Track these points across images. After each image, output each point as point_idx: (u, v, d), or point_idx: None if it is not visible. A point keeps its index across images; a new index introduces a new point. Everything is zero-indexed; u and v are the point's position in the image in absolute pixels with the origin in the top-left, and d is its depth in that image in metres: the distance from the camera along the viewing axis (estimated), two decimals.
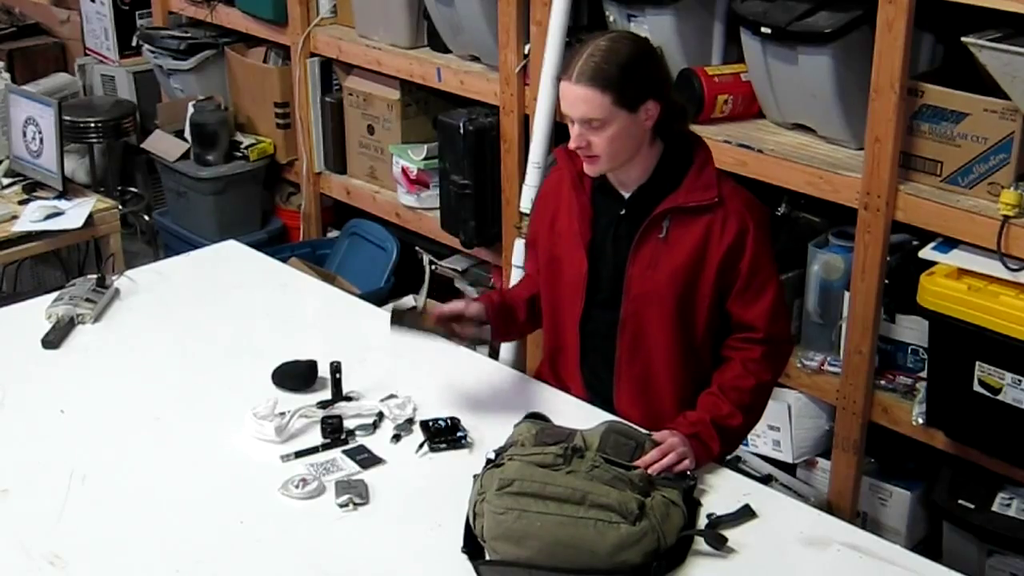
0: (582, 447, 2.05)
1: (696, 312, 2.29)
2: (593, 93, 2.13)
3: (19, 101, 4.11)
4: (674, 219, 2.26)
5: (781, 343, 2.35)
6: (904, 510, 3.13)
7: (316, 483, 2.16)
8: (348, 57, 4.18)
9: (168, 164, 4.58)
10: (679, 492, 2.05)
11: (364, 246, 4.35)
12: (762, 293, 2.28)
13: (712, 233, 2.24)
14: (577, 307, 2.36)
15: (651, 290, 2.28)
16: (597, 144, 2.19)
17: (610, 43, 2.17)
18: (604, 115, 2.15)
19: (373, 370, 2.55)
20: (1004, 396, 2.68)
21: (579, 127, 2.18)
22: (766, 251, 2.29)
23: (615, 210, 2.31)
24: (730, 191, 2.27)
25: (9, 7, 5.57)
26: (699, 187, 2.25)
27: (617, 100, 2.14)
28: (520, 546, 1.92)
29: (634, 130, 2.19)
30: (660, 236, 2.26)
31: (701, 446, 2.19)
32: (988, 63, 2.55)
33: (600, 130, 2.17)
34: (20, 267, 4.45)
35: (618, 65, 2.14)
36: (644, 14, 3.26)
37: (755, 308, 2.28)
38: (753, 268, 2.26)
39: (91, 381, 2.58)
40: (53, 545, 2.02)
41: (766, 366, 2.31)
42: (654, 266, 2.27)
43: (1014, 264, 2.63)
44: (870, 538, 2.11)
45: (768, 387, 2.37)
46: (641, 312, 2.30)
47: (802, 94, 3.02)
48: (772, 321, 2.29)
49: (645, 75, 2.19)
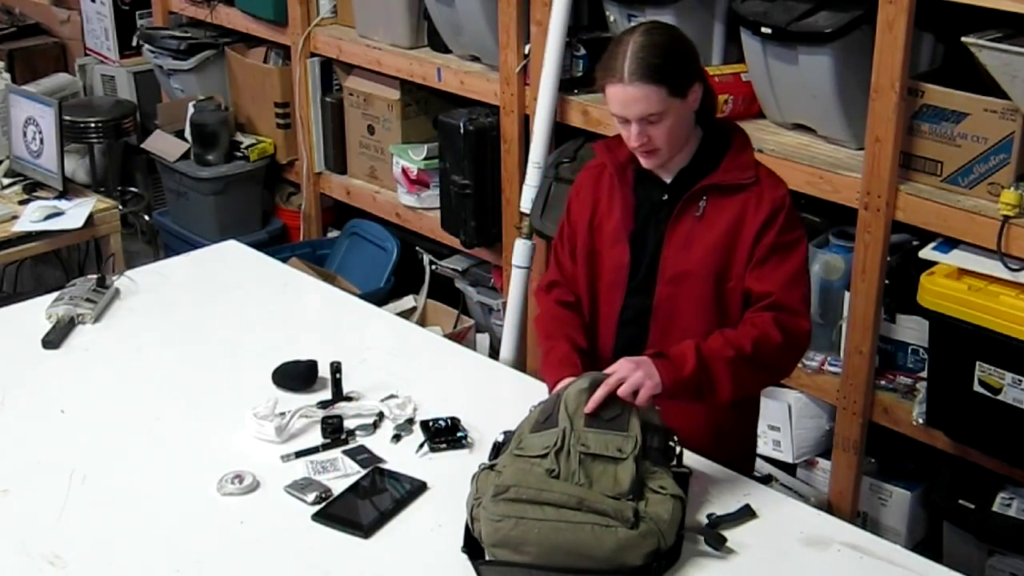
0: (568, 439, 1.99)
1: (729, 295, 2.24)
2: (649, 89, 2.13)
3: (19, 101, 4.11)
4: (711, 198, 2.23)
5: (795, 316, 2.20)
6: (904, 510, 3.13)
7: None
8: (348, 57, 4.18)
9: (168, 164, 4.58)
10: (670, 473, 2.01)
11: (364, 246, 4.35)
12: (780, 266, 2.20)
13: (747, 211, 2.21)
14: (617, 299, 2.32)
15: (686, 271, 2.24)
16: (657, 137, 2.18)
17: (646, 36, 2.16)
18: (662, 108, 2.14)
19: (373, 370, 2.56)
20: (1004, 396, 2.68)
21: (637, 125, 2.17)
22: (794, 234, 2.23)
23: (657, 196, 2.29)
24: (766, 173, 2.27)
25: (9, 7, 5.57)
26: (737, 167, 2.24)
27: (670, 90, 2.14)
28: (518, 552, 1.92)
29: (687, 116, 2.20)
30: (696, 215, 2.24)
31: (669, 366, 2.08)
32: (988, 63, 2.55)
33: (658, 123, 2.16)
34: (20, 267, 4.45)
35: (664, 56, 2.14)
36: (644, 14, 3.25)
37: (771, 278, 2.19)
38: (777, 244, 2.19)
39: (91, 381, 2.58)
40: (53, 545, 2.02)
41: (775, 328, 2.16)
42: (688, 246, 2.24)
43: (1014, 264, 2.63)
44: (870, 538, 2.11)
45: (775, 348, 2.16)
46: (675, 295, 2.26)
47: (802, 94, 3.02)
48: (786, 290, 2.19)
49: (688, 60, 2.20)
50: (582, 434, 2.00)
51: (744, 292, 2.23)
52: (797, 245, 2.23)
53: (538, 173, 3.50)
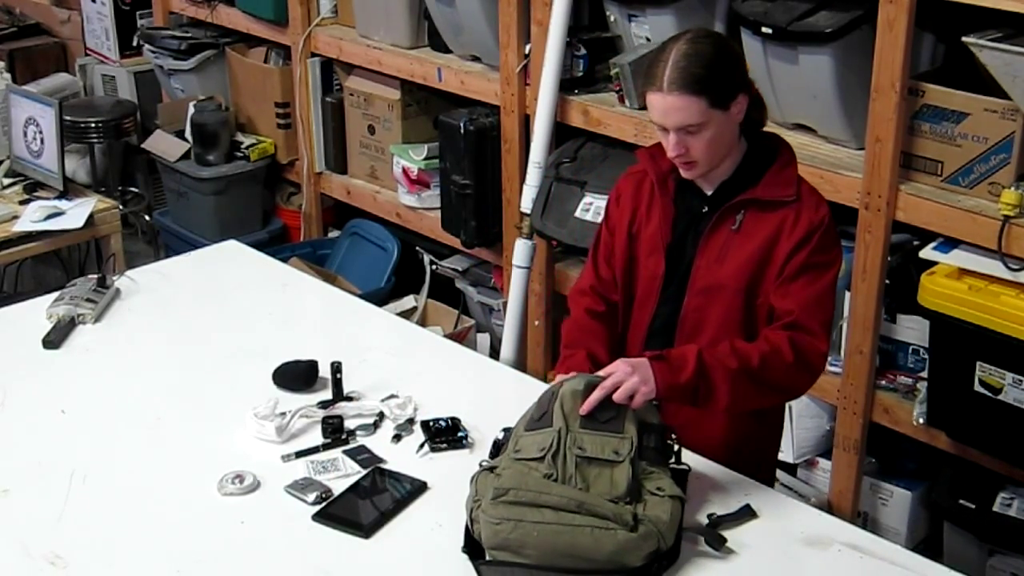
0: (564, 441, 1.98)
1: (758, 311, 2.21)
2: (688, 100, 2.08)
3: (20, 101, 4.11)
4: (749, 212, 2.20)
5: (813, 337, 2.15)
6: (905, 510, 3.13)
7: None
8: (349, 57, 4.18)
9: (169, 164, 4.58)
10: (667, 473, 2.01)
11: (365, 246, 4.35)
12: (806, 287, 2.16)
13: (784, 227, 2.18)
14: (649, 310, 2.30)
15: (716, 283, 2.21)
16: (696, 148, 2.13)
17: (690, 45, 2.11)
18: (702, 119, 2.10)
19: (373, 370, 2.55)
20: (1005, 396, 2.68)
21: (675, 135, 2.12)
22: (828, 256, 2.18)
23: (697, 208, 2.26)
24: (808, 190, 2.23)
25: (10, 7, 5.57)
26: (779, 183, 2.20)
27: (712, 102, 2.09)
28: (518, 555, 1.91)
29: (728, 128, 2.16)
30: (733, 228, 2.21)
31: (667, 369, 2.05)
32: (988, 63, 2.55)
33: (698, 134, 2.12)
34: (20, 267, 4.45)
35: (706, 66, 2.08)
36: (645, 14, 3.26)
37: (793, 297, 2.16)
38: (808, 264, 2.16)
39: (91, 381, 2.58)
40: (53, 545, 2.02)
41: (788, 346, 2.12)
42: (721, 259, 2.21)
43: (1015, 264, 2.63)
44: (871, 538, 2.11)
45: (785, 367, 2.12)
46: (703, 307, 2.23)
47: (803, 94, 3.02)
48: (807, 311, 2.14)
49: (732, 70, 2.14)
50: (578, 436, 1.99)
51: (768, 308, 2.21)
52: (828, 268, 2.19)
53: (538, 173, 3.50)
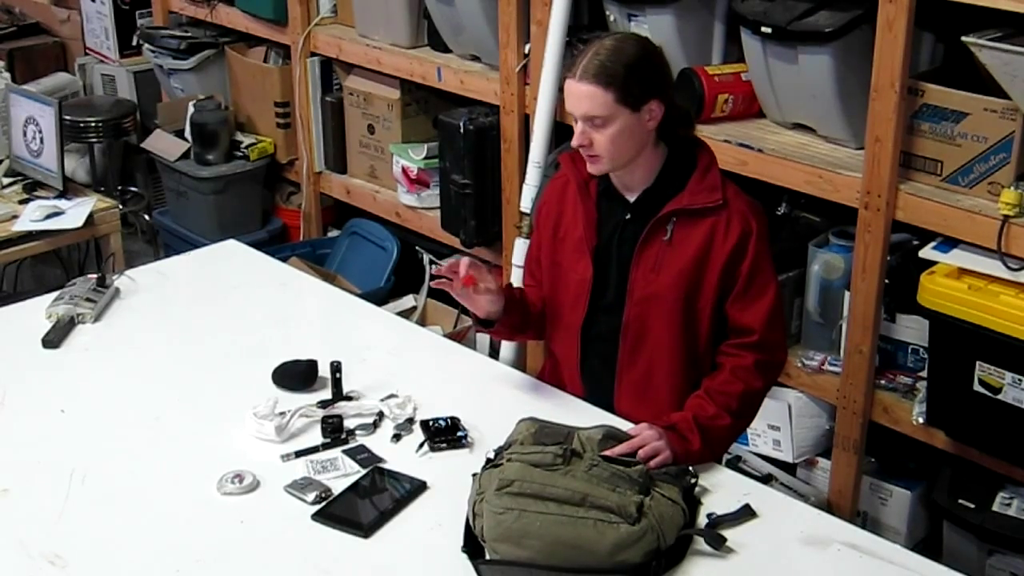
0: (580, 450, 2.05)
1: (699, 316, 2.30)
2: (596, 90, 2.15)
3: (19, 100, 4.11)
4: (679, 221, 2.26)
5: (775, 351, 2.35)
6: (904, 510, 3.13)
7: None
8: (348, 56, 4.18)
9: (168, 164, 4.58)
10: (679, 490, 2.05)
11: (364, 246, 4.35)
12: (761, 297, 2.28)
13: (716, 235, 2.25)
14: (579, 313, 2.36)
15: (655, 293, 2.28)
16: (599, 142, 2.20)
17: (615, 43, 2.19)
18: (606, 112, 2.16)
19: (373, 370, 2.55)
20: (1004, 396, 2.68)
21: (582, 124, 2.20)
22: (767, 256, 2.29)
23: (620, 215, 2.32)
24: (733, 194, 2.29)
25: (9, 7, 5.58)
26: (704, 189, 2.26)
27: (620, 98, 2.15)
28: (520, 546, 1.92)
29: (636, 130, 2.20)
30: (664, 239, 2.26)
31: (679, 439, 2.18)
32: (988, 62, 2.55)
33: (602, 128, 2.18)
34: (20, 267, 4.45)
35: (622, 64, 2.16)
36: (644, 14, 3.26)
37: (753, 311, 2.28)
38: (753, 271, 2.26)
39: (91, 381, 2.58)
40: (53, 545, 2.02)
41: (757, 375, 2.29)
42: (658, 269, 2.27)
43: (1014, 264, 2.63)
44: (870, 538, 2.11)
45: (758, 395, 2.35)
46: (644, 316, 2.31)
47: (802, 94, 3.02)
48: (769, 326, 2.28)
49: (649, 75, 2.20)
50: (595, 452, 2.06)
51: (723, 315, 2.30)
52: (771, 270, 2.30)
53: (538, 172, 3.50)
